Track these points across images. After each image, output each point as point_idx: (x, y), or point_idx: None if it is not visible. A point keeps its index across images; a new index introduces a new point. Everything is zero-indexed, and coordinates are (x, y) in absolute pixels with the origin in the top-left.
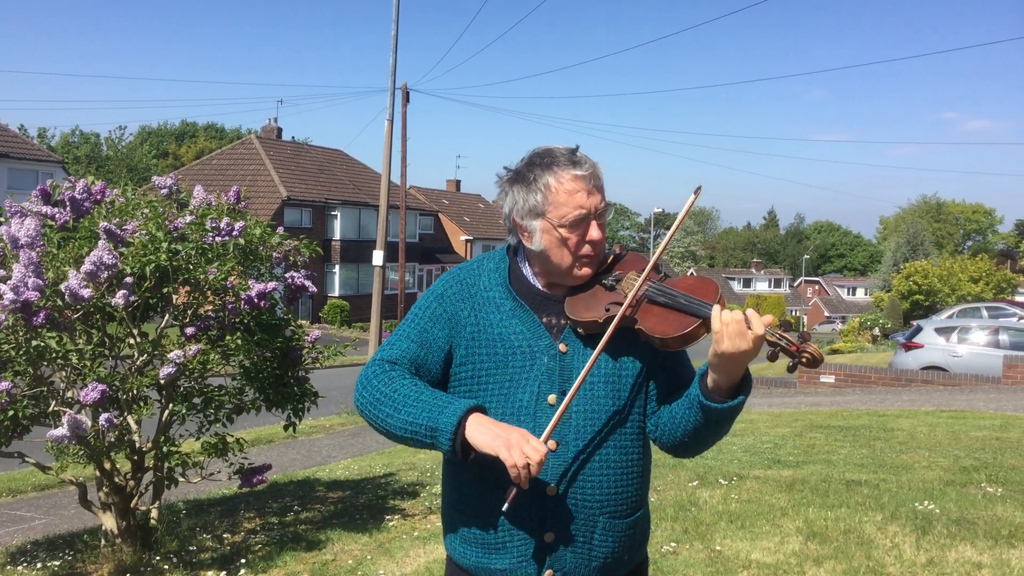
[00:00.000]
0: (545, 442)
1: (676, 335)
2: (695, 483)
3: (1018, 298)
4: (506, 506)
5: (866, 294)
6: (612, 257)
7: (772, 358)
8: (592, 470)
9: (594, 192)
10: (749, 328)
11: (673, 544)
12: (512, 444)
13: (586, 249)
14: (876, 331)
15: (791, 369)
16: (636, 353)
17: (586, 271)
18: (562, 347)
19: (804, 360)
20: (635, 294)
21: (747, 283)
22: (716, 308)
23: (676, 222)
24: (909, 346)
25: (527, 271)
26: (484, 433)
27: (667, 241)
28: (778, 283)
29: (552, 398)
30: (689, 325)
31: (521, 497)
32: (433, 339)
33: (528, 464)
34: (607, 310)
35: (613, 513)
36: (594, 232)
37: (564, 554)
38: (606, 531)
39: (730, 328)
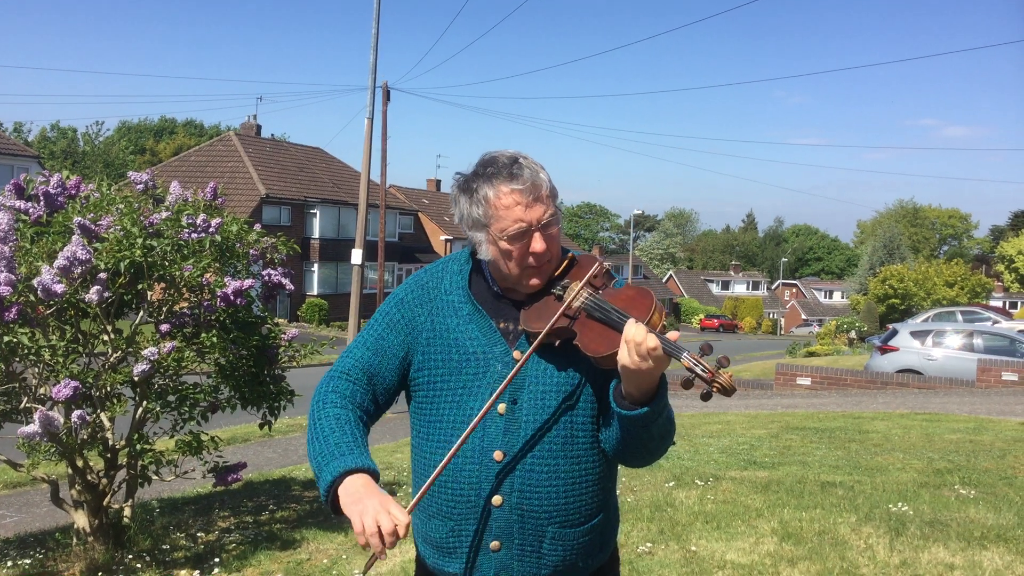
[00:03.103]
0: (410, 512)
1: (606, 353)
2: (671, 484)
3: (992, 303)
4: (364, 573)
5: (843, 297)
6: (567, 263)
7: (686, 385)
8: (540, 480)
9: (534, 204)
10: (643, 346)
11: (649, 544)
12: (366, 511)
13: (530, 260)
14: (852, 334)
15: (705, 397)
16: (589, 364)
17: (535, 281)
18: (516, 354)
19: (716, 388)
20: (566, 307)
21: (725, 286)
22: (627, 322)
23: (579, 287)
24: (885, 349)
25: (488, 275)
26: (349, 495)
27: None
28: (756, 286)
29: (502, 407)
30: (618, 343)
31: (380, 563)
32: (388, 345)
33: (377, 534)
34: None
35: (564, 523)
36: (537, 244)
37: (511, 562)
38: (556, 540)
39: (626, 345)
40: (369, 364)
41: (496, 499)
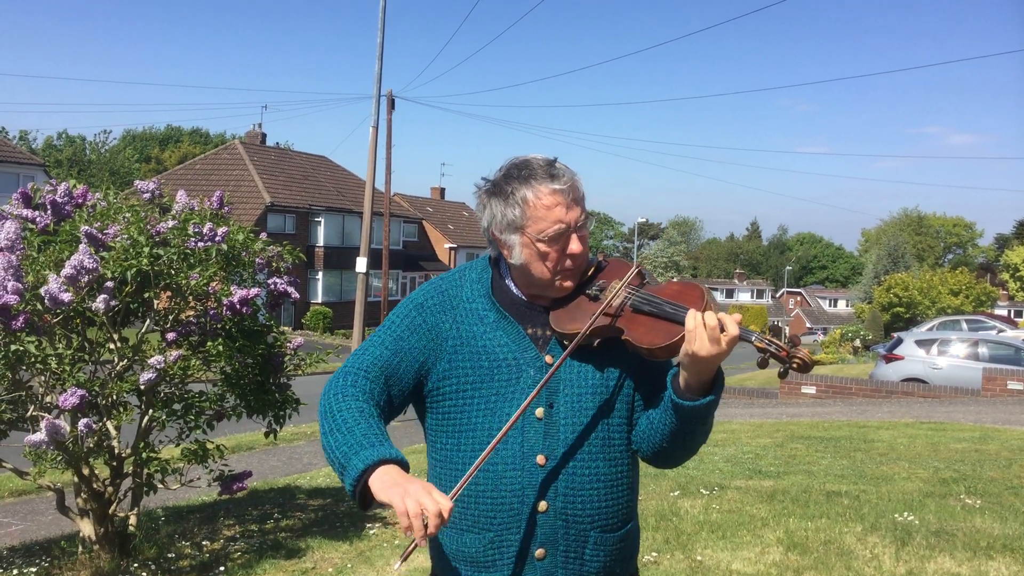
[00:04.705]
0: (452, 499)
1: (663, 345)
2: (677, 493)
3: (997, 311)
4: (398, 566)
5: (847, 306)
6: (595, 266)
7: (762, 364)
8: (582, 484)
9: (573, 205)
10: (723, 331)
11: (654, 554)
12: (409, 493)
13: (567, 263)
14: (857, 343)
15: (782, 375)
16: (623, 364)
17: (568, 284)
18: (548, 359)
19: (795, 365)
20: (610, 300)
21: (730, 294)
22: (691, 310)
23: (620, 285)
24: (890, 358)
25: (509, 282)
26: (384, 481)
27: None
28: (760, 294)
29: (540, 411)
30: (676, 334)
31: (415, 552)
32: (409, 348)
33: (423, 514)
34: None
35: (604, 527)
36: (574, 245)
37: (555, 570)
38: (597, 545)
39: (703, 331)
40: (388, 364)
41: (541, 505)
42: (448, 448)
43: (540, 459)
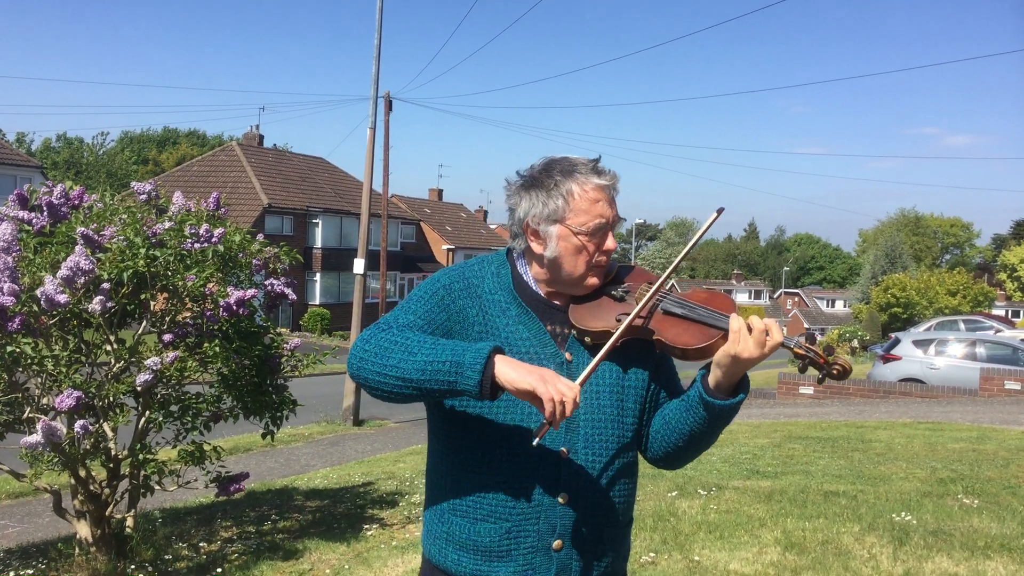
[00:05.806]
0: (581, 386)
1: (698, 346)
2: (674, 493)
3: (995, 311)
4: (536, 441)
5: (845, 306)
6: (617, 269)
7: (802, 370)
8: (600, 478)
9: (614, 203)
10: (768, 336)
11: (652, 554)
12: (547, 379)
13: (600, 258)
14: (855, 343)
15: (821, 380)
16: (640, 364)
17: (595, 280)
18: (568, 356)
19: (835, 372)
20: (646, 302)
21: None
22: (734, 314)
23: (695, 237)
24: (887, 358)
25: (528, 278)
26: (516, 368)
27: (685, 252)
28: (758, 295)
29: None
30: (711, 337)
31: (550, 434)
32: (439, 323)
33: (563, 401)
34: (618, 320)
35: (615, 522)
36: (610, 242)
37: (570, 562)
38: (609, 540)
39: (747, 335)
40: (420, 330)
41: (562, 496)
42: (472, 436)
43: (563, 451)
